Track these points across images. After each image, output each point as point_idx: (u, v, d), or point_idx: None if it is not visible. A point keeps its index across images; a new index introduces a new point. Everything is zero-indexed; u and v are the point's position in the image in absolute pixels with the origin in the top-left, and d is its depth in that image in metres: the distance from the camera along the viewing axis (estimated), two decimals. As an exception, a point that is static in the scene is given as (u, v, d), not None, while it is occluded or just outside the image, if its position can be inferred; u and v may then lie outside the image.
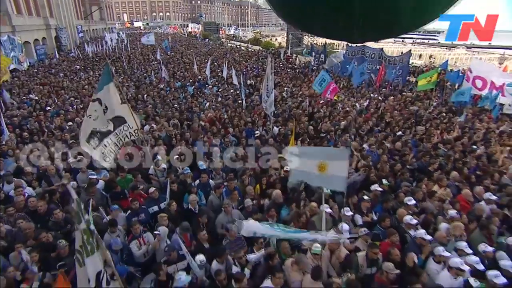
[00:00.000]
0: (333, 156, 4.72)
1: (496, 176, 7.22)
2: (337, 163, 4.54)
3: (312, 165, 4.79)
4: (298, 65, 25.29)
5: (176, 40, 53.84)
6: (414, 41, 67.70)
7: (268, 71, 9.79)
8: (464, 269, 4.34)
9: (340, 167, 4.53)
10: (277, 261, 4.50)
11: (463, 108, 12.45)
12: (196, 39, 61.54)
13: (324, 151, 5.51)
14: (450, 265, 4.42)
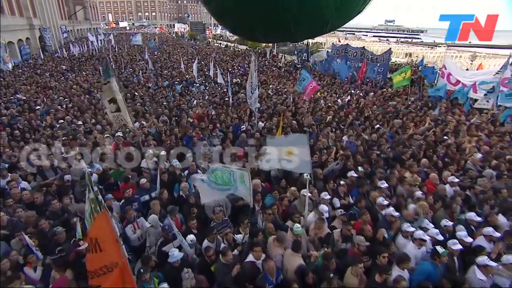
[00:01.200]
0: (295, 142, 5.29)
1: (461, 162, 7.89)
2: (301, 149, 5.09)
3: (281, 152, 5.35)
4: (283, 63, 25.87)
5: (162, 40, 53.82)
6: (398, 40, 69.64)
7: (252, 68, 10.27)
8: (425, 239, 4.92)
9: (304, 152, 5.09)
10: (261, 238, 4.97)
11: (438, 103, 13.17)
12: (182, 39, 61.57)
13: (288, 139, 5.99)
14: (414, 237, 4.99)
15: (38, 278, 4.73)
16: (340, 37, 60.19)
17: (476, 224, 5.53)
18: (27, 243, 4.94)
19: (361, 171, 7.02)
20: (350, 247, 5.04)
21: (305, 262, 4.67)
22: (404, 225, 5.30)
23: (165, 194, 6.30)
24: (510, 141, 9.53)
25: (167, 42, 52.07)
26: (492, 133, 10.15)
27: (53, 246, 5.07)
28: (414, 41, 69.97)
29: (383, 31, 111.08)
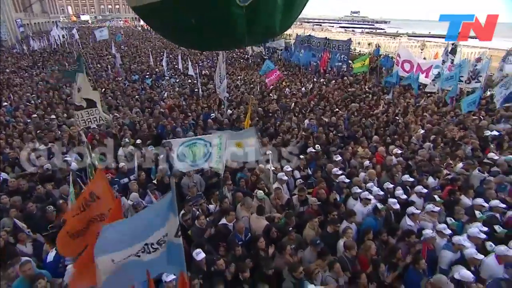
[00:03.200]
0: (244, 135, 6.11)
1: (406, 138, 9.05)
2: (249, 140, 5.94)
3: (233, 144, 6.16)
4: (251, 55, 26.57)
5: (128, 34, 52.63)
6: (363, 31, 72.28)
7: (220, 60, 10.96)
8: (370, 199, 5.90)
9: (252, 142, 5.92)
10: (229, 206, 5.74)
11: (392, 88, 14.47)
12: (149, 33, 60.34)
13: (240, 133, 6.73)
14: (361, 197, 5.96)
15: (31, 252, 5.24)
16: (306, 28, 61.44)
17: (410, 184, 6.59)
18: (14, 223, 5.42)
19: (318, 148, 7.95)
20: (306, 208, 5.94)
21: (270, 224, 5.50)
22: (353, 188, 6.27)
23: (143, 175, 6.90)
24: (450, 119, 10.89)
25: (133, 36, 51.01)
26: (435, 113, 11.48)
27: (42, 226, 5.59)
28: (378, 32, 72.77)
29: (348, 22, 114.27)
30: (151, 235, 2.42)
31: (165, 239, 2.46)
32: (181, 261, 2.57)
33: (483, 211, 5.99)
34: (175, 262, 2.56)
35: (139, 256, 2.43)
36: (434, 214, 5.69)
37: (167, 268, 2.65)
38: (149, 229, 2.44)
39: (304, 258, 4.90)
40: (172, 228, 2.46)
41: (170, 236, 2.47)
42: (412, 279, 4.59)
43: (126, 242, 2.41)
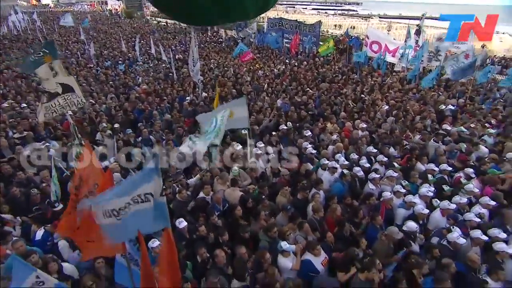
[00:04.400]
0: (236, 104, 6.51)
1: (372, 114, 9.73)
2: (239, 108, 6.33)
3: (225, 115, 6.53)
4: (224, 39, 26.56)
5: (96, 19, 50.49)
6: (336, 13, 72.91)
7: (193, 43, 11.17)
8: (336, 167, 6.50)
9: (242, 111, 6.34)
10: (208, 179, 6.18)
11: (361, 67, 15.15)
12: (118, 18, 58.15)
13: (232, 103, 7.13)
14: (328, 166, 6.55)
15: (19, 234, 5.48)
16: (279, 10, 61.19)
17: (374, 154, 7.26)
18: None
19: (289, 126, 8.47)
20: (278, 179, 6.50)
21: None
22: (322, 159, 6.86)
23: (123, 157, 7.17)
24: (412, 96, 11.71)
25: (101, 21, 49.01)
26: (399, 90, 12.26)
27: (27, 208, 5.82)
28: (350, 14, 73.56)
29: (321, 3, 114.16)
30: (139, 188, 2.79)
31: (151, 196, 2.84)
32: (166, 218, 2.98)
33: (435, 174, 6.77)
34: (160, 218, 2.96)
35: (128, 207, 2.79)
36: (392, 178, 6.38)
37: (153, 225, 3.02)
38: (136, 185, 2.81)
39: (277, 222, 5.45)
40: (157, 188, 2.85)
41: (156, 195, 2.86)
42: (371, 234, 5.26)
43: (115, 194, 2.80)
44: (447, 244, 4.93)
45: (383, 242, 4.95)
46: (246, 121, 6.55)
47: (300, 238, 5.12)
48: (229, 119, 6.66)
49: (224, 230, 4.99)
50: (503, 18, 30.27)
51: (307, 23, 22.09)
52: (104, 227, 2.82)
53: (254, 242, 5.16)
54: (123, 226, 2.84)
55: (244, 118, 6.53)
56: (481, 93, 12.07)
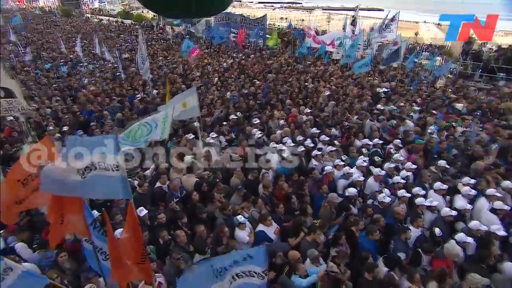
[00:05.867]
0: (187, 95, 6.85)
1: (315, 99, 10.56)
2: (191, 98, 6.68)
3: (179, 105, 6.84)
4: (172, 35, 26.27)
5: (27, 17, 46.64)
6: (282, 6, 74.54)
7: (140, 41, 11.19)
8: (283, 149, 7.12)
9: (193, 100, 6.70)
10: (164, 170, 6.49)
11: (305, 58, 16.07)
12: (53, 16, 54.21)
13: (183, 94, 7.41)
14: (277, 149, 7.15)
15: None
16: (227, 5, 61.13)
17: (317, 135, 8.01)
18: None
19: (239, 115, 8.98)
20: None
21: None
22: (271, 144, 7.45)
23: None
24: (351, 81, 12.80)
25: (34, 20, 45.45)
26: (340, 77, 13.30)
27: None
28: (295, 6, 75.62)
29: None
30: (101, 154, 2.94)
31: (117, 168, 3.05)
32: (129, 191, 3.25)
33: (370, 148, 7.69)
34: (124, 190, 3.20)
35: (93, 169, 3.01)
36: (333, 154, 7.15)
37: (117, 193, 3.14)
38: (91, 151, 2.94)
39: (233, 202, 5.93)
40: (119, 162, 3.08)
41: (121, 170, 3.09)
42: (318, 202, 5.96)
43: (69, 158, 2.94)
44: (378, 204, 5.78)
45: (326, 207, 5.66)
46: (197, 110, 6.95)
47: (255, 214, 5.66)
48: (182, 110, 7.02)
49: (183, 214, 5.37)
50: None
51: (254, 17, 22.67)
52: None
53: (211, 223, 5.60)
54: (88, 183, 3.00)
55: (195, 107, 6.91)
56: (409, 76, 13.51)
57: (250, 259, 3.17)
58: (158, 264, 4.68)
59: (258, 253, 3.20)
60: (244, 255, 3.19)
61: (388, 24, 14.59)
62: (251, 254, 3.19)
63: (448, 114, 9.94)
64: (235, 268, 3.19)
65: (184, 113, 6.95)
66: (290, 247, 5.04)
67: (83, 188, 3.03)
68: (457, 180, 6.40)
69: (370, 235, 4.99)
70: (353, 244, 5.11)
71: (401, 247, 4.94)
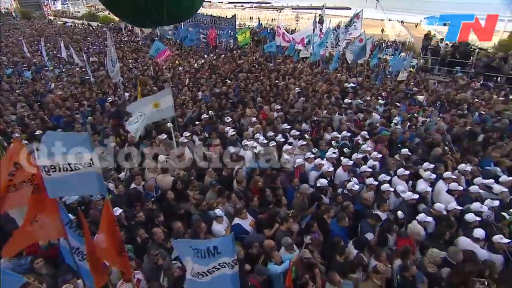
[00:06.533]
0: (161, 95, 6.90)
1: (286, 96, 10.86)
2: (165, 98, 6.74)
3: (149, 106, 6.87)
4: (141, 37, 25.89)
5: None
6: (252, 6, 74.93)
7: (109, 44, 11.05)
8: (255, 146, 7.32)
9: (167, 100, 6.75)
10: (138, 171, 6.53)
11: (275, 56, 16.39)
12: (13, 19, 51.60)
13: (157, 95, 7.46)
14: (249, 146, 7.34)
15: None
16: (196, 5, 60.66)
17: (288, 130, 8.28)
18: None
19: (212, 114, 9.10)
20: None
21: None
22: (243, 141, 7.64)
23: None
24: (320, 78, 13.23)
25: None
26: (310, 74, 13.72)
27: None
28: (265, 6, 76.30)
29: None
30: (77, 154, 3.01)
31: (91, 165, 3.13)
32: (104, 188, 3.33)
33: (339, 141, 8.04)
34: (100, 187, 3.28)
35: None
36: (303, 148, 7.44)
37: (93, 188, 3.25)
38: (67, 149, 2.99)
39: (208, 198, 6.06)
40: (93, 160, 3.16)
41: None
42: (290, 194, 6.21)
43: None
44: (348, 192, 6.11)
45: (298, 198, 5.93)
46: (172, 110, 7.00)
47: (229, 208, 5.83)
48: (155, 110, 7.06)
49: (159, 212, 5.45)
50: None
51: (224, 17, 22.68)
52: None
53: (188, 220, 5.71)
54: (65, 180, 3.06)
55: (170, 107, 6.97)
56: (374, 72, 14.14)
57: (218, 253, 3.29)
58: (136, 262, 4.74)
59: (225, 242, 3.33)
60: (210, 245, 3.29)
61: (353, 22, 15.15)
62: (216, 244, 3.30)
63: (410, 106, 10.57)
64: (211, 263, 3.35)
65: (158, 114, 7.00)
66: (266, 237, 5.25)
67: (54, 186, 3.09)
68: (418, 166, 6.88)
69: (340, 222, 5.30)
70: (325, 231, 5.40)
71: (368, 229, 5.27)
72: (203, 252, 3.31)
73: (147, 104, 6.95)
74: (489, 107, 10.34)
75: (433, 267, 4.58)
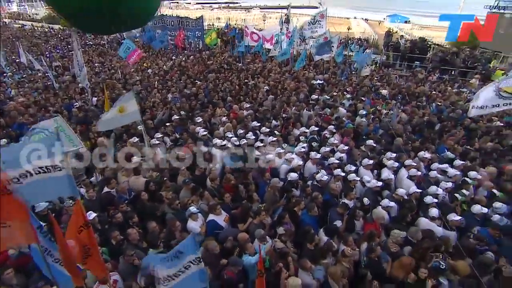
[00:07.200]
0: (125, 100, 6.88)
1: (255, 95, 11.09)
2: (129, 103, 6.74)
3: (114, 111, 6.84)
4: (107, 40, 25.22)
5: None
6: (220, 6, 74.77)
7: (75, 47, 10.76)
8: (225, 144, 7.47)
9: (132, 105, 6.76)
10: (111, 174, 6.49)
11: (244, 56, 16.58)
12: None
13: (118, 101, 7.30)
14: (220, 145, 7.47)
15: None
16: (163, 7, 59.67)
17: (258, 128, 8.49)
18: None
19: (183, 114, 9.16)
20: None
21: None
22: (213, 140, 7.76)
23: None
24: (288, 76, 13.58)
25: None
26: (278, 73, 14.03)
27: None
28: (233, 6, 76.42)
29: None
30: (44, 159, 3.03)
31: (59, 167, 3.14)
32: (75, 189, 3.35)
33: (307, 136, 8.35)
34: (72, 189, 3.30)
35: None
36: (275, 144, 7.67)
37: (65, 190, 3.27)
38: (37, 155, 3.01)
39: (181, 197, 6.14)
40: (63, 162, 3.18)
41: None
42: (262, 188, 6.41)
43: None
44: (317, 183, 6.40)
45: (269, 192, 6.14)
46: (138, 114, 6.98)
47: (203, 206, 5.94)
48: (120, 116, 7.02)
49: (133, 213, 5.48)
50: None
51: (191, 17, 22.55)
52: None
53: (163, 220, 5.76)
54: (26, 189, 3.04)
55: (136, 112, 6.94)
56: (340, 68, 14.68)
57: (181, 253, 3.44)
58: (112, 263, 4.76)
59: (187, 243, 3.48)
60: (176, 253, 3.45)
61: (318, 21, 15.60)
62: (180, 249, 3.45)
63: (374, 99, 11.11)
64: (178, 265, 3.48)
65: (123, 119, 6.98)
66: (240, 231, 5.42)
67: (27, 194, 3.09)
68: (382, 156, 7.31)
69: (310, 212, 5.57)
70: (296, 222, 5.64)
71: (337, 217, 5.58)
72: (169, 257, 3.48)
73: (111, 111, 6.94)
74: (444, 98, 11.09)
75: (395, 247, 4.94)
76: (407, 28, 35.55)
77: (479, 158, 7.22)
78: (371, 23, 43.07)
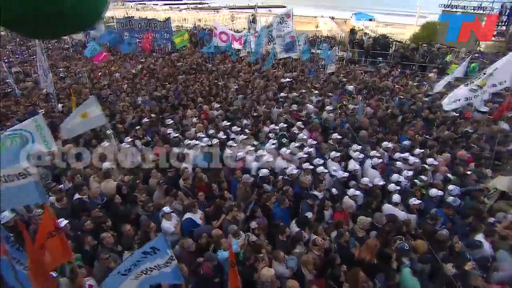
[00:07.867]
0: (87, 105, 6.82)
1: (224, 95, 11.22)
2: (92, 108, 6.69)
3: (76, 118, 6.77)
4: (71, 44, 24.38)
5: None
6: (189, 7, 73.88)
7: (39, 52, 10.42)
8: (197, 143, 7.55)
9: (95, 109, 6.72)
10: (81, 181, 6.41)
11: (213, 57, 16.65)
12: None
13: (81, 106, 7.23)
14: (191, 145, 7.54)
15: None
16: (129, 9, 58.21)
17: (228, 127, 8.63)
18: None
19: (154, 117, 9.14)
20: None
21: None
22: (185, 141, 7.82)
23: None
24: (258, 75, 13.80)
25: None
26: (248, 72, 14.23)
27: None
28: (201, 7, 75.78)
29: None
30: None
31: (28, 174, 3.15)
32: (44, 195, 3.37)
33: (277, 132, 8.58)
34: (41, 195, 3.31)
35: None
36: (245, 142, 7.84)
37: (34, 197, 3.32)
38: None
39: (155, 198, 6.18)
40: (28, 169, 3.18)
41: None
42: (234, 186, 6.56)
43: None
44: (287, 177, 6.63)
45: (240, 188, 6.31)
46: (103, 118, 6.95)
47: (178, 206, 6.01)
48: (83, 121, 6.94)
49: (106, 218, 5.46)
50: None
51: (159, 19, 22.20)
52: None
53: (137, 223, 5.78)
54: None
55: (100, 116, 6.90)
56: (308, 66, 15.08)
57: (154, 252, 3.46)
58: (87, 269, 4.74)
59: (158, 243, 3.50)
60: (148, 248, 3.46)
61: (284, 20, 15.91)
62: (154, 245, 3.47)
63: (341, 95, 11.54)
64: (143, 264, 3.53)
65: (87, 124, 6.91)
66: (214, 228, 5.55)
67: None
68: (348, 148, 7.67)
69: (281, 205, 5.79)
70: (268, 215, 5.85)
71: (308, 209, 5.83)
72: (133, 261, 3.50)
73: (74, 118, 6.87)
74: (405, 91, 11.70)
75: (362, 232, 5.26)
76: (372, 25, 36.94)
77: (437, 146, 7.75)
78: (338, 22, 44.28)
